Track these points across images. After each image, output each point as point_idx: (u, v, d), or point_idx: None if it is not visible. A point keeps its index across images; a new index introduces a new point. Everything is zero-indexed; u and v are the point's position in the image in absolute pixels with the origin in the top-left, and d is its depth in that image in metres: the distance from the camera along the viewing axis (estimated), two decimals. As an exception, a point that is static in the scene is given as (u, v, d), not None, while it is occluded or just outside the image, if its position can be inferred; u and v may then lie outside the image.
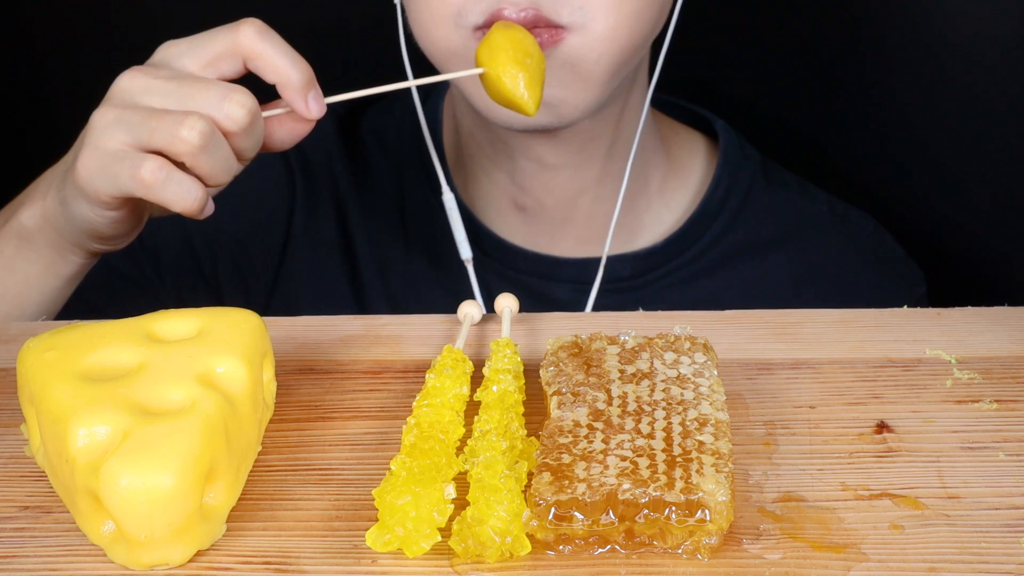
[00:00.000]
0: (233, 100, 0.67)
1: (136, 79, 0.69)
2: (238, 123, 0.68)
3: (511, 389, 0.60)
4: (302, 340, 0.69)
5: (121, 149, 0.68)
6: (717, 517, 0.50)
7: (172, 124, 0.66)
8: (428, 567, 0.51)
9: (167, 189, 0.67)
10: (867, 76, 1.18)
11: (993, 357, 0.65)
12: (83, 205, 0.72)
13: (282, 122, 0.73)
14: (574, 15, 0.81)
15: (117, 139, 0.68)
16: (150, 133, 0.67)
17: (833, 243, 1.01)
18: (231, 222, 1.01)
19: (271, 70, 0.70)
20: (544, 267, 0.98)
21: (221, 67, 0.70)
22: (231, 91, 0.68)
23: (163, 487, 0.49)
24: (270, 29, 0.71)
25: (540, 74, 0.76)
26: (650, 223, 0.99)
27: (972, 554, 0.51)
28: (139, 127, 0.67)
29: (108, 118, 0.68)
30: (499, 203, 0.98)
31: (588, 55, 0.82)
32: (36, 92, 1.26)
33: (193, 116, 0.66)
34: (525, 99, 0.74)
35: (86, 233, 0.75)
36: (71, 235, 0.77)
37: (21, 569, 0.51)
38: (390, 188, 1.02)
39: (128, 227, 0.76)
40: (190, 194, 0.68)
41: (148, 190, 0.67)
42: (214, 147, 0.67)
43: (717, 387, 0.58)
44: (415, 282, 1.00)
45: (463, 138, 0.99)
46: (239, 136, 0.68)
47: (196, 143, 0.66)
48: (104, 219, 0.73)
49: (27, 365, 0.57)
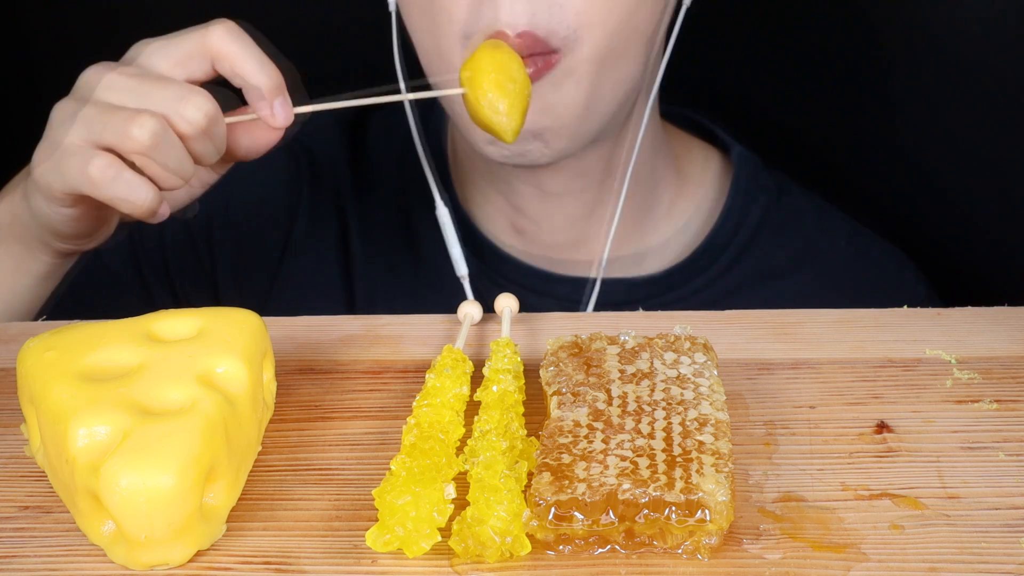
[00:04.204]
0: (190, 102, 0.66)
1: (100, 74, 0.68)
2: (193, 125, 0.66)
3: (511, 389, 0.60)
4: (302, 340, 0.69)
5: (74, 144, 0.66)
6: (717, 517, 0.50)
7: (123, 121, 0.65)
8: (428, 567, 0.51)
9: (114, 188, 0.65)
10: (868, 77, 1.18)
11: (993, 357, 0.65)
12: (40, 200, 0.71)
13: (249, 129, 0.71)
14: (567, 39, 0.79)
15: (72, 134, 0.66)
16: (102, 129, 0.65)
17: (846, 280, 0.97)
18: (235, 220, 1.00)
19: (237, 73, 0.69)
20: (539, 282, 0.96)
21: (190, 67, 0.69)
22: (190, 92, 0.66)
23: (163, 487, 0.49)
24: (242, 31, 0.69)
25: (523, 100, 0.73)
26: (657, 246, 0.97)
27: (972, 554, 0.51)
28: (92, 122, 0.66)
29: (66, 112, 0.67)
30: (497, 221, 0.96)
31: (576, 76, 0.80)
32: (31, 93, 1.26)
33: (145, 115, 0.65)
34: (503, 124, 0.72)
35: (47, 230, 0.74)
36: (36, 232, 0.75)
37: (21, 569, 0.51)
38: (393, 196, 1.01)
39: (88, 227, 0.74)
40: (138, 194, 0.66)
41: (94, 187, 0.66)
42: (166, 148, 0.65)
43: (717, 387, 0.58)
44: (410, 293, 0.99)
45: (460, 155, 0.98)
46: (195, 140, 0.67)
47: (146, 142, 0.64)
48: (60, 216, 0.71)
49: (27, 365, 0.57)
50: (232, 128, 0.70)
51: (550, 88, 0.81)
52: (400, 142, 1.01)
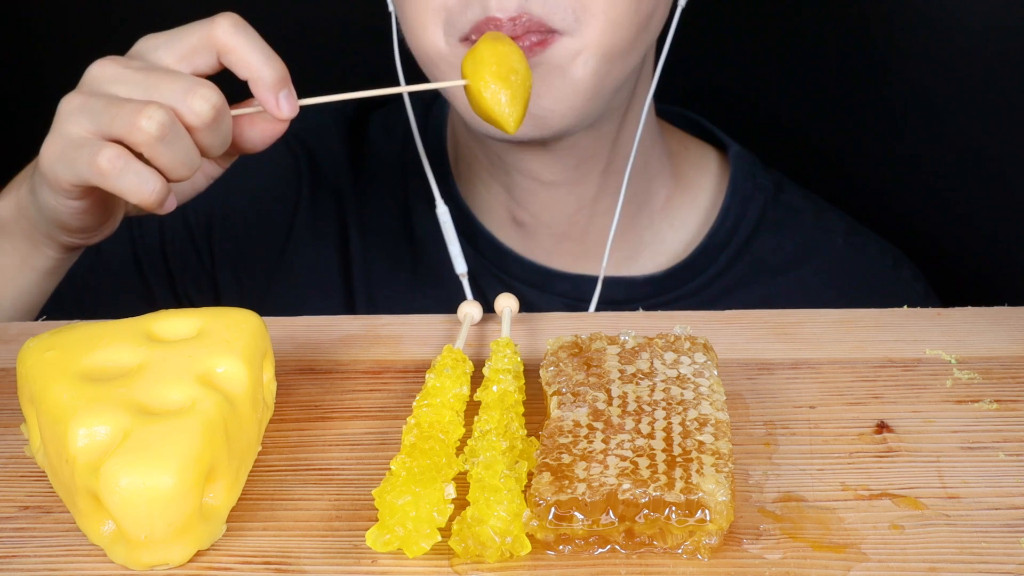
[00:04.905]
0: (197, 94, 0.66)
1: (107, 68, 0.68)
2: (201, 117, 0.66)
3: (511, 389, 0.60)
4: (302, 340, 0.69)
5: (82, 136, 0.67)
6: (717, 517, 0.50)
7: (131, 113, 0.65)
8: (428, 567, 0.51)
9: (123, 178, 0.66)
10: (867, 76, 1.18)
11: (993, 357, 0.65)
12: (47, 193, 0.71)
13: (254, 122, 0.71)
14: (566, 20, 0.79)
15: (80, 126, 0.67)
16: (110, 121, 0.66)
17: (844, 278, 0.97)
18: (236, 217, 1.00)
19: (243, 65, 0.69)
20: (538, 278, 0.96)
21: (196, 61, 0.69)
22: (197, 85, 0.66)
23: (163, 487, 0.49)
24: (247, 24, 0.70)
25: (524, 91, 0.73)
26: (652, 242, 0.97)
27: (972, 554, 0.51)
28: (100, 114, 0.66)
29: (74, 104, 0.67)
30: (497, 214, 0.96)
31: (576, 61, 0.81)
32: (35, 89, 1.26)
33: (153, 106, 0.65)
34: (506, 115, 0.72)
35: (54, 223, 0.74)
36: (42, 226, 0.75)
37: (21, 569, 0.51)
38: (394, 191, 1.01)
39: (95, 220, 0.74)
40: (147, 185, 0.66)
41: (104, 178, 0.66)
42: (173, 139, 0.65)
43: (717, 387, 0.57)
44: (409, 289, 0.99)
45: (461, 148, 0.98)
46: (202, 131, 0.67)
47: (154, 133, 0.65)
48: (68, 208, 0.71)
49: (27, 365, 0.57)
50: (237, 120, 0.71)
51: (555, 67, 0.81)
52: (400, 139, 1.01)
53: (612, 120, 0.90)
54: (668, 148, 0.98)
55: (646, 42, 0.86)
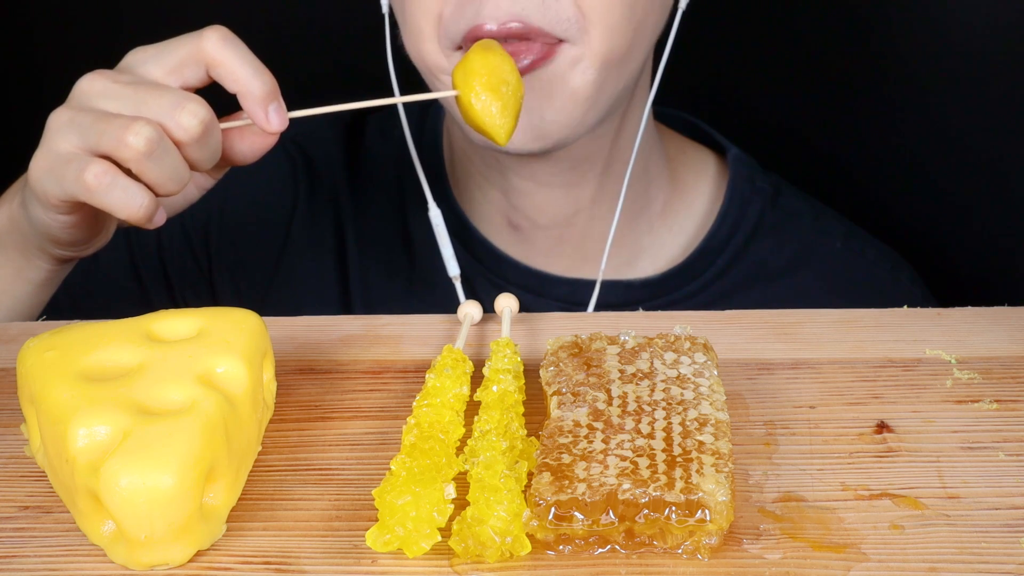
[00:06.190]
0: (185, 109, 0.66)
1: (95, 82, 0.68)
2: (189, 132, 0.66)
3: (511, 389, 0.60)
4: (302, 340, 0.69)
5: (70, 151, 0.67)
6: (717, 517, 0.50)
7: (119, 128, 0.65)
8: (428, 567, 0.51)
9: (111, 194, 0.66)
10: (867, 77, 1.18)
11: (993, 357, 0.65)
12: (37, 208, 0.71)
13: (244, 135, 0.71)
14: (569, 29, 0.79)
15: (68, 141, 0.67)
16: (98, 136, 0.66)
17: (842, 282, 0.97)
18: (232, 222, 1.00)
19: (232, 79, 0.69)
20: (535, 282, 0.96)
21: (184, 74, 0.69)
22: (185, 100, 0.66)
23: (163, 487, 0.49)
24: (235, 37, 0.69)
25: (516, 102, 0.72)
26: (651, 247, 0.97)
27: (972, 554, 0.51)
28: (88, 130, 0.66)
29: (62, 119, 0.67)
30: (494, 219, 0.96)
31: (576, 69, 0.81)
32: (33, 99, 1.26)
33: (140, 122, 0.65)
34: (497, 127, 0.71)
35: (45, 237, 0.74)
36: (34, 239, 0.75)
37: (21, 569, 0.51)
38: (390, 196, 1.01)
39: (85, 234, 0.74)
40: (134, 201, 0.66)
41: (91, 194, 0.66)
42: (161, 154, 0.65)
43: (717, 387, 0.58)
44: (406, 295, 0.98)
45: (456, 152, 0.98)
46: (191, 146, 0.67)
47: (141, 149, 0.64)
48: (57, 223, 0.71)
49: (27, 365, 0.57)
50: (227, 133, 0.70)
51: (555, 78, 0.81)
52: (396, 144, 1.01)
53: (610, 122, 0.90)
54: (666, 152, 0.98)
55: (643, 48, 0.86)
